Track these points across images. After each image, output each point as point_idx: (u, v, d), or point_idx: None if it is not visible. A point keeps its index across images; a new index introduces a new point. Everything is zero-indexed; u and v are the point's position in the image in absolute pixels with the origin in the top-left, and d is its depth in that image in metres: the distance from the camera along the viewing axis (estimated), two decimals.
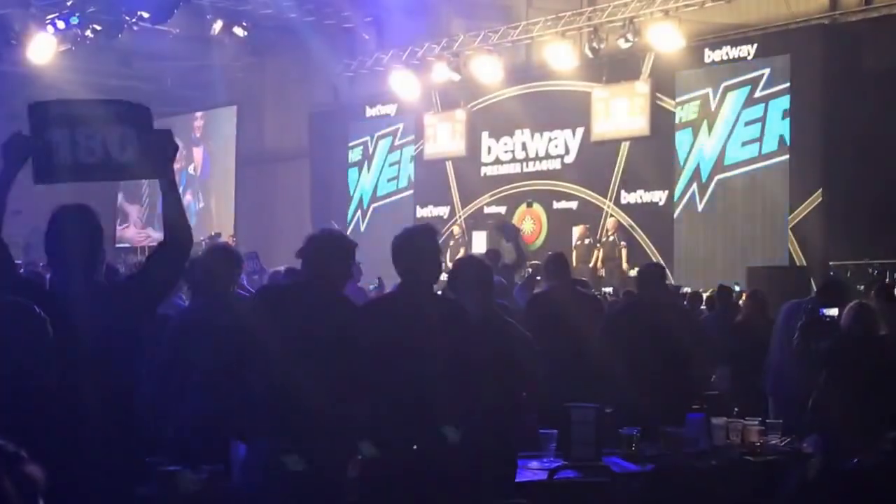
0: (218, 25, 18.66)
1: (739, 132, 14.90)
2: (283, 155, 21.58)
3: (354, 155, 20.32)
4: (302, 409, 3.94)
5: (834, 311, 6.54)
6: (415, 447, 4.15)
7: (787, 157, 14.33)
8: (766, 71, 14.61)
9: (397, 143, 19.70)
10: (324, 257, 4.25)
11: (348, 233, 19.59)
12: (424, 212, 18.98)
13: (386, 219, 19.04)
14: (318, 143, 20.78)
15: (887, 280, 12.49)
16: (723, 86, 15.07)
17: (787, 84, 14.36)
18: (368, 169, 20.13)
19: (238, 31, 18.84)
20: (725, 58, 15.11)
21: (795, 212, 14.13)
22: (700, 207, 15.30)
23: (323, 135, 20.65)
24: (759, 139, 14.65)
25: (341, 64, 19.80)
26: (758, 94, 14.69)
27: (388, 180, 19.85)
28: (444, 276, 5.34)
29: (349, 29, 19.65)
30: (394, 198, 19.68)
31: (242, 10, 18.54)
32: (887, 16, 13.62)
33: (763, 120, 14.62)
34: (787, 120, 14.33)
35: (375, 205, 19.93)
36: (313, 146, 20.91)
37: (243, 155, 22.32)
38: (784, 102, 14.42)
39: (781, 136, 14.43)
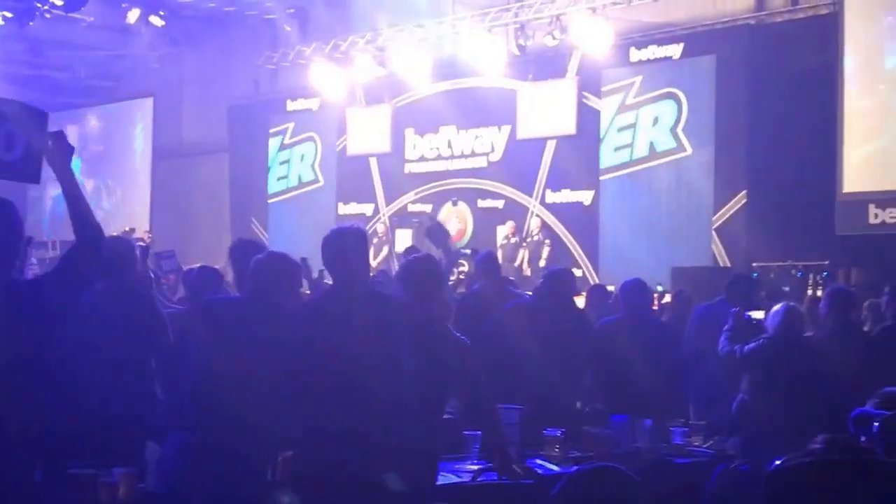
0: (134, 14, 18.08)
1: (655, 132, 14.83)
2: (201, 149, 21.05)
3: (274, 150, 19.93)
4: (225, 408, 4.00)
5: (760, 315, 6.43)
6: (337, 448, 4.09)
7: (712, 157, 14.28)
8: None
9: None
10: (270, 284, 4.31)
11: (266, 230, 19.44)
12: (347, 209, 18.64)
13: (304, 214, 18.73)
14: (238, 137, 20.33)
15: (810, 281, 12.53)
16: (642, 84, 14.97)
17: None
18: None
19: (155, 20, 18.29)
20: (652, 57, 15.04)
21: (720, 212, 14.09)
22: (625, 207, 15.19)
23: (243, 128, 20.23)
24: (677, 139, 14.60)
25: (262, 56, 19.37)
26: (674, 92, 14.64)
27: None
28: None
29: (271, 20, 19.23)
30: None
31: None
32: (813, 17, 13.67)
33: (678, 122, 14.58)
34: (710, 119, 14.28)
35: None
36: (233, 140, 20.45)
37: (160, 148, 21.68)
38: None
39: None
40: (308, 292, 6.35)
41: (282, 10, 18.82)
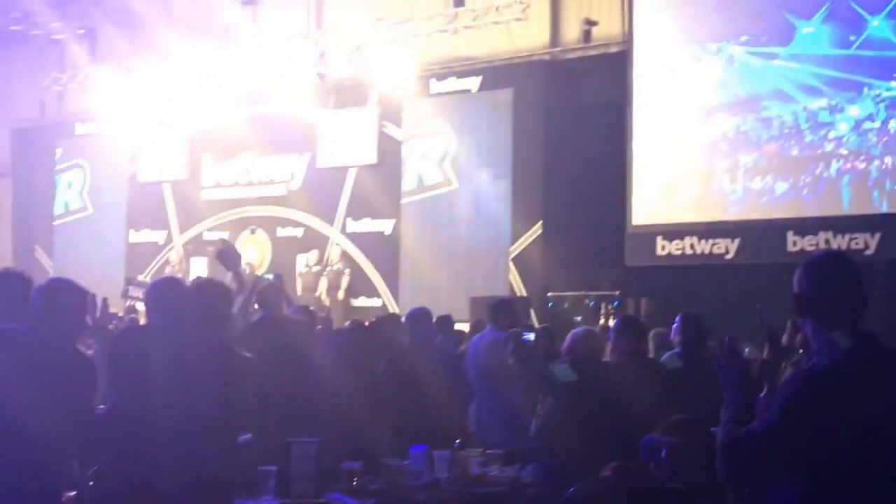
0: None
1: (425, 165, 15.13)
2: None
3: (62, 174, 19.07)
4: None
5: (531, 336, 6.46)
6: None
7: (509, 189, 14.54)
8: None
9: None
10: (59, 311, 4.14)
11: (52, 254, 18.51)
12: (139, 236, 17.95)
13: (91, 241, 18.07)
14: (22, 160, 19.30)
15: (602, 311, 12.91)
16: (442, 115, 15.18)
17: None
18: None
19: None
20: (451, 89, 15.23)
21: (517, 243, 14.34)
22: (425, 237, 15.25)
23: (27, 152, 19.22)
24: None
25: (50, 77, 18.47)
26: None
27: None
28: None
29: (59, 41, 18.38)
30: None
31: None
32: (604, 54, 14.18)
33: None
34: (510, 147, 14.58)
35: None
36: (16, 163, 19.39)
37: None
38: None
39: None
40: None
41: (70, 30, 18.05)
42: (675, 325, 6.74)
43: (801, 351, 6.75)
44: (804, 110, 12.33)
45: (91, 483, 4.38)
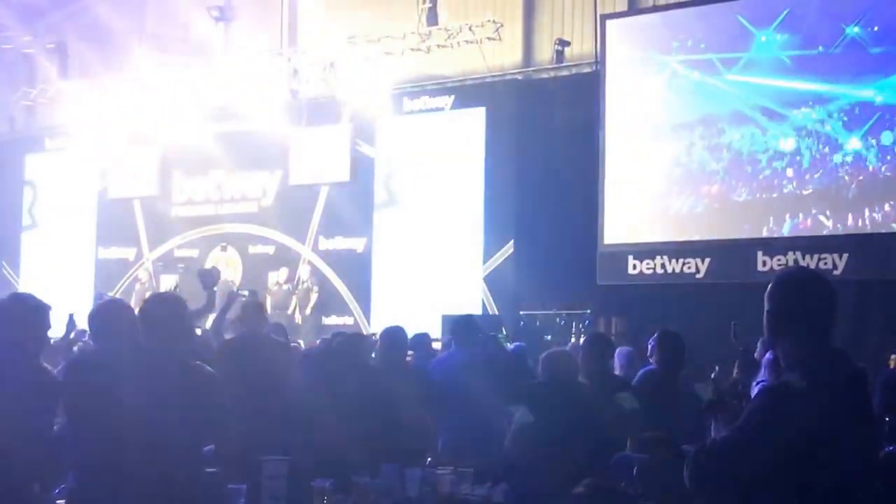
0: None
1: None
2: None
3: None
4: None
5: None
6: None
7: (481, 207, 14.56)
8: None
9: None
10: (17, 326, 4.17)
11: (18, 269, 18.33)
12: (108, 253, 17.80)
13: (58, 257, 18.03)
14: None
15: (573, 329, 12.92)
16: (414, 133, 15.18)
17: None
18: None
19: None
20: (424, 107, 15.25)
21: (489, 261, 14.35)
22: (398, 255, 15.23)
23: None
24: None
25: (19, 91, 18.33)
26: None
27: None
28: None
29: (29, 55, 18.25)
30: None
31: None
32: (577, 74, 14.26)
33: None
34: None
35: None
36: None
37: None
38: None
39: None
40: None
41: (40, 45, 17.95)
42: (651, 344, 6.69)
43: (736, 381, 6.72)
44: (767, 131, 12.44)
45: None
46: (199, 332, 6.54)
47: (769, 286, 3.05)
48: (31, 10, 17.60)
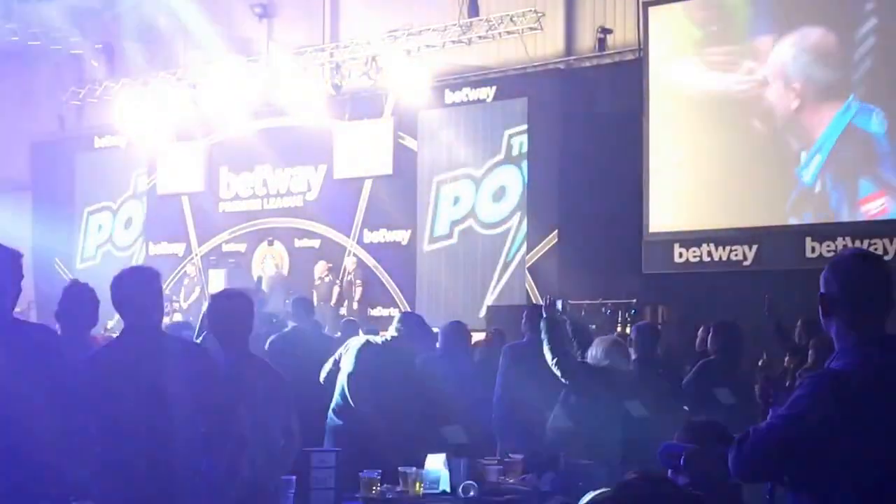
0: None
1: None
2: (1, 186, 19.96)
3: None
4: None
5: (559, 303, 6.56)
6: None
7: (525, 198, 14.54)
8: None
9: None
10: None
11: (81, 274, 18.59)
12: (158, 249, 18.02)
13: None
14: (42, 174, 19.40)
15: (619, 318, 12.86)
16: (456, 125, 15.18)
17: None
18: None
19: None
20: (466, 99, 15.25)
21: (533, 251, 14.33)
22: (442, 247, 15.26)
23: (47, 166, 19.31)
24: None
25: (68, 92, 18.60)
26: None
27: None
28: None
29: (77, 55, 18.51)
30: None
31: None
32: (619, 62, 14.17)
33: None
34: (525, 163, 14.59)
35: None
36: (36, 178, 19.49)
37: None
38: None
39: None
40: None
41: (88, 45, 18.20)
42: (708, 335, 6.67)
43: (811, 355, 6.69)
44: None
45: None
46: None
47: (825, 268, 3.00)
48: (79, 10, 17.82)
